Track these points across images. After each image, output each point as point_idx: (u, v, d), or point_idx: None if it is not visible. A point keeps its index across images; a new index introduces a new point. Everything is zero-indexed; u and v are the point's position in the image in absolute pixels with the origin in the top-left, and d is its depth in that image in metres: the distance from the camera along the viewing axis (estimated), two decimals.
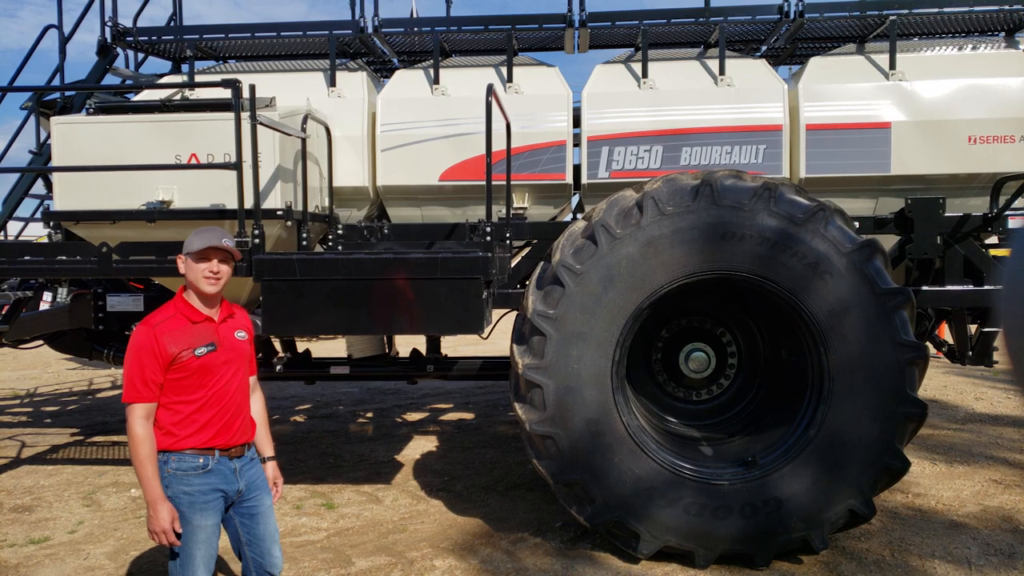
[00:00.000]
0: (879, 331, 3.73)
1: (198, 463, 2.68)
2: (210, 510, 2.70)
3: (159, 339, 2.62)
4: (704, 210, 3.79)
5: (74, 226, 4.64)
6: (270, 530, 2.88)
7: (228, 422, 2.76)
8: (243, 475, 2.81)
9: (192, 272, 2.72)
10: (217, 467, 2.72)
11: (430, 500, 5.07)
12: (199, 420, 2.69)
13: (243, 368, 2.88)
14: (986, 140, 4.68)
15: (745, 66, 5.03)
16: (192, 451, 2.68)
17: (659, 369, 4.79)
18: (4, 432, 7.26)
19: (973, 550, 4.15)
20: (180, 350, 2.65)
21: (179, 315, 2.73)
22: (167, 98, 4.92)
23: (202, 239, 2.72)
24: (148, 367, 2.61)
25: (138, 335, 2.65)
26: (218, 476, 2.72)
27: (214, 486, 2.71)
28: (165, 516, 2.59)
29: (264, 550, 2.86)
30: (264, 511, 2.87)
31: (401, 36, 5.38)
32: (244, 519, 2.83)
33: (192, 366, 2.67)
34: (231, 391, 2.79)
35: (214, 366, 2.73)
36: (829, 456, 3.81)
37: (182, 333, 2.68)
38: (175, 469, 2.66)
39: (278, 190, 4.43)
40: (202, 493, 2.68)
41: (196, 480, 2.68)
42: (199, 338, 2.71)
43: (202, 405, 2.70)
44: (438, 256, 3.91)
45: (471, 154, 4.89)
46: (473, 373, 5.58)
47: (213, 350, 2.73)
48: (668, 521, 3.87)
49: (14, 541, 4.49)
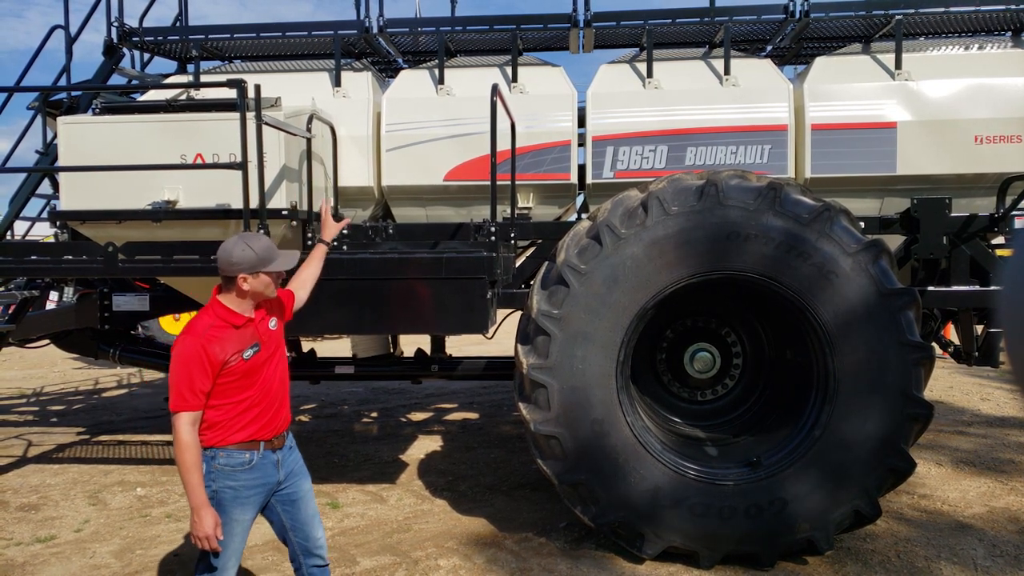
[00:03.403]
0: (885, 331, 3.72)
1: (245, 459, 2.75)
2: (250, 505, 2.79)
3: (208, 348, 2.63)
4: (709, 210, 3.78)
5: (80, 226, 4.66)
6: (311, 513, 2.97)
7: (273, 415, 2.85)
8: (284, 466, 2.89)
9: (260, 283, 2.78)
10: (261, 462, 2.79)
11: (435, 500, 5.08)
12: (247, 416, 2.76)
13: (281, 355, 2.95)
14: (992, 140, 4.66)
15: (750, 66, 5.02)
16: (238, 446, 2.74)
17: (664, 369, 4.78)
18: (10, 431, 7.29)
19: (979, 551, 4.13)
20: (229, 356, 2.68)
21: (220, 321, 2.73)
22: (173, 98, 4.93)
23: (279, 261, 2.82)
24: (197, 377, 2.62)
25: (185, 346, 2.64)
26: (261, 471, 2.80)
27: (258, 481, 2.79)
28: (209, 522, 2.62)
29: (307, 533, 2.95)
30: (304, 495, 2.96)
31: (406, 36, 5.39)
32: (286, 506, 2.92)
33: (241, 369, 2.72)
34: (275, 384, 2.87)
35: (259, 364, 2.80)
36: (834, 457, 3.80)
37: (228, 338, 2.70)
38: (223, 464, 2.72)
39: (283, 190, 4.43)
40: (246, 488, 2.75)
41: (242, 475, 2.75)
42: (244, 341, 2.75)
43: (250, 403, 2.77)
44: (443, 256, 3.92)
45: (476, 154, 4.89)
46: (477, 373, 5.59)
47: (258, 350, 2.80)
48: (672, 521, 3.86)
49: (20, 539, 4.51)
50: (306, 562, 2.96)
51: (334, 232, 3.55)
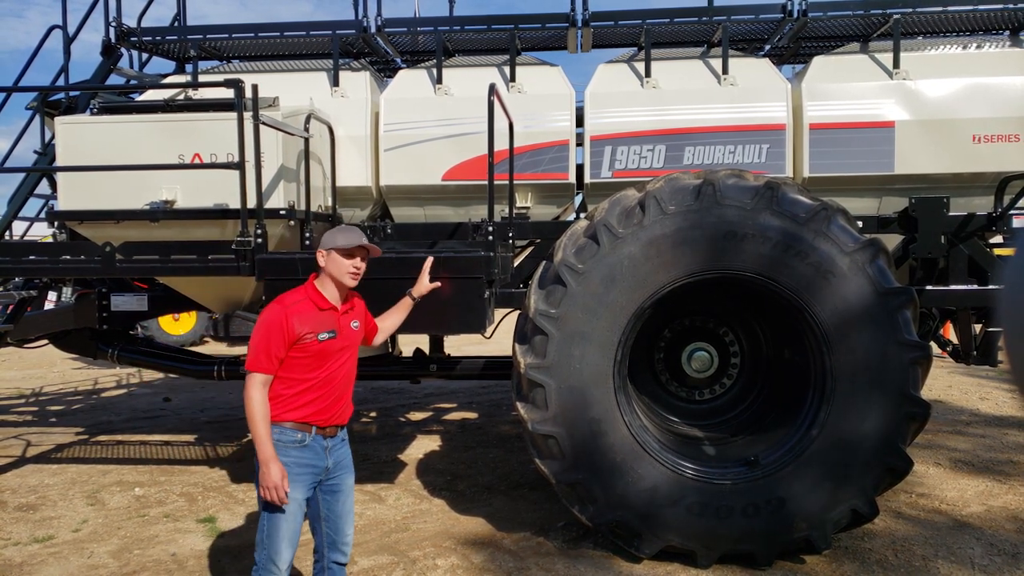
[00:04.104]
0: (882, 331, 3.72)
1: (296, 437, 2.87)
2: (300, 483, 2.87)
3: (289, 319, 2.83)
4: (706, 210, 3.78)
5: (78, 226, 4.66)
6: (347, 508, 3.08)
7: (331, 404, 2.96)
8: (332, 454, 3.00)
9: (337, 266, 2.94)
10: (312, 443, 2.91)
11: (433, 499, 5.08)
12: (307, 397, 2.89)
13: (354, 356, 3.09)
14: (990, 139, 4.66)
15: (748, 65, 5.02)
16: (292, 424, 2.86)
17: (662, 369, 4.78)
18: (9, 431, 7.29)
19: (977, 550, 4.14)
20: (305, 332, 2.85)
21: (308, 300, 2.93)
22: (171, 98, 4.93)
23: (349, 237, 2.95)
24: (274, 342, 2.81)
25: (271, 312, 2.87)
26: (312, 452, 2.91)
27: (308, 461, 2.89)
28: (276, 473, 2.76)
29: (339, 527, 3.05)
30: (346, 490, 3.07)
31: (404, 36, 5.39)
32: (326, 495, 3.02)
33: (312, 349, 2.87)
34: (340, 376, 3.00)
35: (331, 352, 2.93)
36: (832, 456, 3.80)
37: (309, 317, 2.88)
38: (277, 440, 2.83)
39: (281, 190, 4.44)
40: (297, 465, 2.85)
41: (293, 452, 2.86)
42: (323, 324, 2.91)
43: (313, 384, 2.90)
44: (441, 255, 3.92)
45: (474, 154, 4.89)
46: (476, 373, 5.59)
47: (333, 337, 2.93)
48: (670, 521, 3.86)
49: (18, 539, 4.51)
50: (329, 555, 3.07)
51: (424, 292, 3.62)
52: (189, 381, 9.28)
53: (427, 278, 3.65)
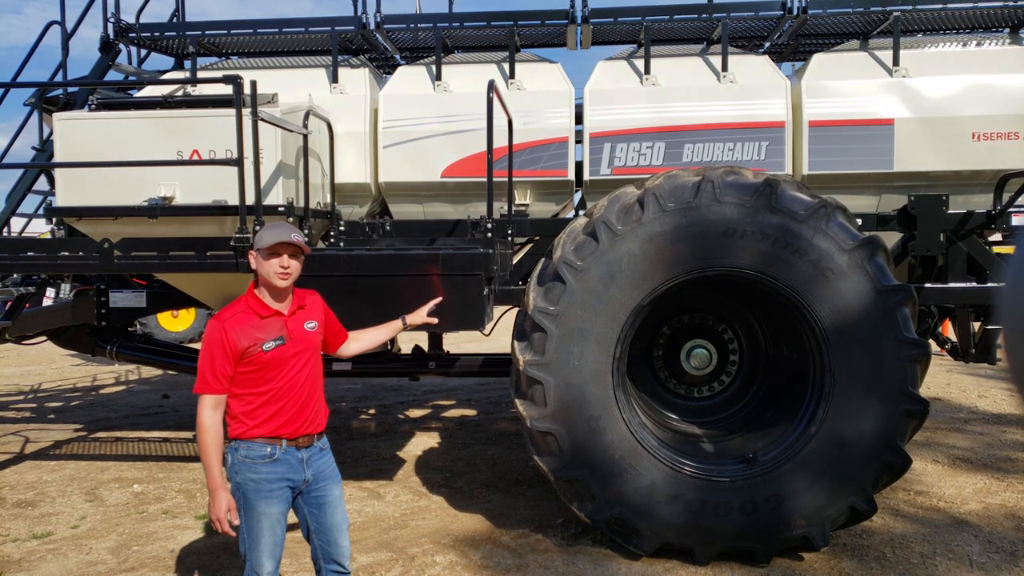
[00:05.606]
0: (881, 328, 3.72)
1: (265, 452, 2.76)
2: (275, 498, 2.77)
3: (228, 334, 2.70)
4: (705, 207, 3.78)
5: (77, 222, 4.65)
6: (337, 520, 2.93)
7: (296, 413, 2.81)
8: (310, 465, 2.86)
9: (263, 268, 2.78)
10: (284, 456, 2.78)
11: (431, 496, 5.08)
12: (268, 411, 2.76)
13: (314, 358, 2.92)
14: (990, 137, 4.66)
15: (748, 62, 5.01)
16: (260, 440, 2.75)
17: (660, 366, 4.78)
18: (8, 428, 7.29)
19: (975, 547, 4.14)
20: (249, 345, 2.71)
21: (248, 310, 2.79)
22: (169, 94, 4.92)
23: (271, 235, 2.77)
24: (218, 361, 2.69)
25: (210, 330, 2.74)
26: (284, 465, 2.78)
27: (280, 475, 2.77)
28: (222, 505, 2.68)
29: (332, 540, 2.92)
30: (332, 501, 2.92)
31: (403, 32, 5.38)
32: (312, 508, 2.90)
33: (261, 360, 2.74)
34: (300, 382, 2.84)
35: (283, 359, 2.78)
36: (830, 453, 3.80)
37: (251, 328, 2.74)
38: (244, 456, 2.74)
39: (280, 186, 4.43)
40: (268, 481, 2.75)
41: (263, 468, 2.75)
42: (268, 333, 2.77)
43: (271, 397, 2.77)
44: (440, 253, 3.91)
45: (473, 151, 4.88)
46: (475, 370, 5.59)
47: (282, 344, 2.78)
48: (669, 518, 3.87)
49: (17, 536, 4.51)
50: (326, 567, 2.94)
51: (418, 323, 3.51)
52: (188, 378, 9.25)
53: (426, 312, 3.52)
